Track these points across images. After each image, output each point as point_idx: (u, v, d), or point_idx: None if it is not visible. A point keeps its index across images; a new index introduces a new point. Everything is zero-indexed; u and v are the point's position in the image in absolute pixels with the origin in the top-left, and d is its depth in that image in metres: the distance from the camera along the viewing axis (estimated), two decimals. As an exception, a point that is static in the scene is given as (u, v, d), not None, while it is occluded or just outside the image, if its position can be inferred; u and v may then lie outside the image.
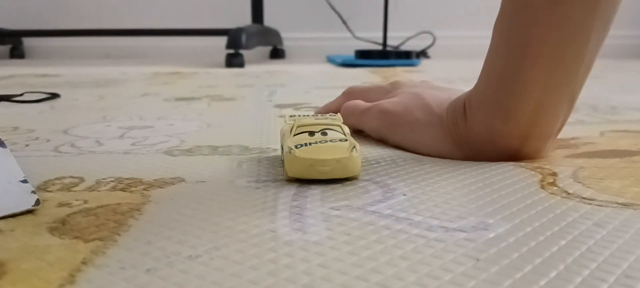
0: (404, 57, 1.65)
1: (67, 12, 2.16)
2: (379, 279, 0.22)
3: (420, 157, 0.42)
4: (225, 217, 0.29)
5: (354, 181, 0.36)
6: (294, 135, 0.37)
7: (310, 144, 0.36)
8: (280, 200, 0.32)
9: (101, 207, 0.31)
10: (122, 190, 0.34)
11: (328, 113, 0.48)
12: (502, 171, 0.38)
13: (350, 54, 1.98)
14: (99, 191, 0.34)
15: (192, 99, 0.82)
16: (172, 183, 0.35)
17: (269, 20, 2.05)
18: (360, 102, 0.51)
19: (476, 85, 0.40)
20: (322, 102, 0.77)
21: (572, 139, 0.49)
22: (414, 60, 1.63)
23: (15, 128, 0.58)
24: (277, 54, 2.07)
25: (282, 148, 0.38)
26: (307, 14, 2.13)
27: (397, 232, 0.27)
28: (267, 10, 2.04)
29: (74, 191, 0.34)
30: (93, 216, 0.29)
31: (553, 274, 0.22)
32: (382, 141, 0.48)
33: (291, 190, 0.34)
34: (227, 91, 0.93)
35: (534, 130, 0.39)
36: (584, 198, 0.32)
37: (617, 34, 2.11)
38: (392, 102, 0.47)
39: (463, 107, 0.41)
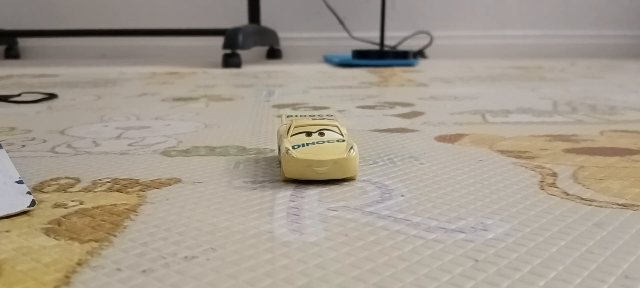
0: (402, 57, 1.65)
1: (62, 12, 2.15)
2: (376, 280, 0.21)
3: (419, 157, 0.42)
4: (222, 218, 0.29)
5: (351, 182, 0.35)
6: (291, 135, 0.37)
7: (307, 144, 0.35)
8: (278, 201, 0.32)
9: (97, 208, 0.30)
10: (119, 191, 0.34)
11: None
12: (501, 171, 0.38)
13: (347, 53, 1.98)
14: (95, 192, 0.34)
15: (190, 99, 0.82)
16: (169, 184, 0.35)
17: (265, 20, 2.05)
18: None
19: None
20: (320, 102, 0.77)
21: (573, 135, 0.49)
22: (412, 60, 1.63)
23: (12, 128, 0.57)
24: (274, 54, 2.07)
25: (279, 149, 0.38)
26: (304, 14, 2.13)
27: (396, 232, 0.26)
28: (264, 10, 2.03)
29: (70, 192, 0.34)
30: (89, 217, 0.29)
31: (552, 275, 0.22)
32: None
33: (288, 190, 0.33)
34: (225, 91, 0.93)
35: None
36: (583, 199, 0.32)
37: (615, 33, 2.12)
38: None
39: None
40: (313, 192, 0.33)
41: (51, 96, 0.84)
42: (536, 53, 2.09)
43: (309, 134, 0.37)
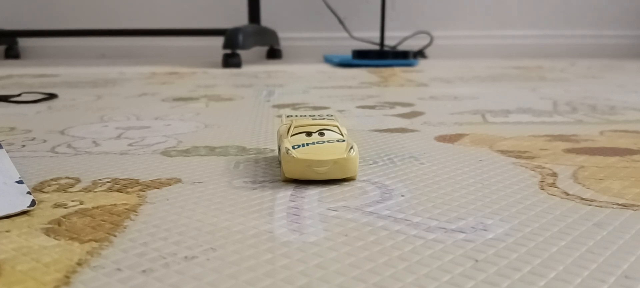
0: (402, 57, 1.65)
1: (62, 12, 2.15)
2: (376, 280, 0.21)
3: (419, 157, 0.42)
4: (222, 218, 0.29)
5: (351, 182, 0.35)
6: (291, 135, 0.37)
7: (307, 144, 0.35)
8: (278, 201, 0.32)
9: (97, 207, 0.30)
10: (119, 191, 0.34)
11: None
12: (501, 171, 0.38)
13: (347, 53, 1.98)
14: (95, 192, 0.34)
15: (190, 99, 0.82)
16: (169, 184, 0.35)
17: (266, 20, 2.05)
18: None
19: None
20: (320, 102, 0.77)
21: (573, 135, 0.49)
22: (412, 60, 1.63)
23: (12, 128, 0.57)
24: (274, 54, 2.07)
25: (279, 149, 0.38)
26: (304, 14, 2.12)
27: (396, 232, 0.26)
28: (264, 10, 2.03)
29: (70, 192, 0.34)
30: (89, 217, 0.29)
31: (552, 275, 0.22)
32: None
33: (288, 190, 0.33)
34: (225, 91, 0.93)
35: None
36: (583, 199, 0.32)
37: (615, 33, 2.12)
38: None
39: None
40: (313, 192, 0.33)
41: (51, 96, 0.84)
42: (536, 53, 2.09)
43: (309, 134, 0.37)
